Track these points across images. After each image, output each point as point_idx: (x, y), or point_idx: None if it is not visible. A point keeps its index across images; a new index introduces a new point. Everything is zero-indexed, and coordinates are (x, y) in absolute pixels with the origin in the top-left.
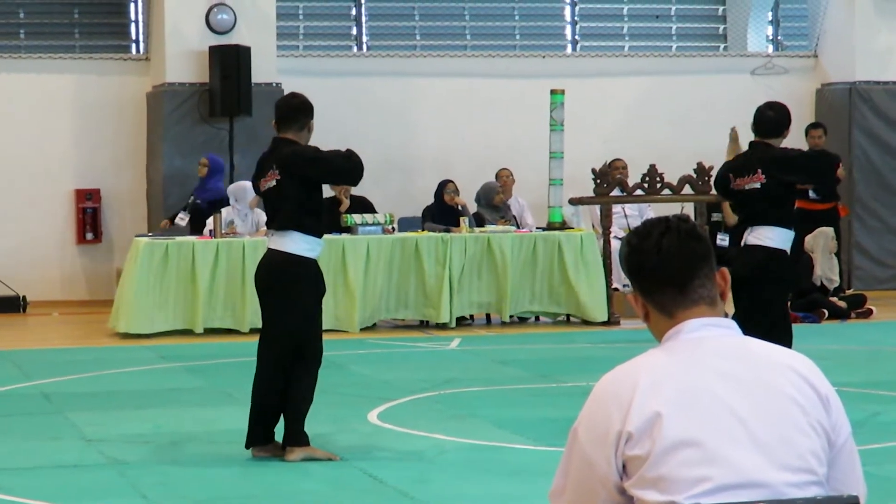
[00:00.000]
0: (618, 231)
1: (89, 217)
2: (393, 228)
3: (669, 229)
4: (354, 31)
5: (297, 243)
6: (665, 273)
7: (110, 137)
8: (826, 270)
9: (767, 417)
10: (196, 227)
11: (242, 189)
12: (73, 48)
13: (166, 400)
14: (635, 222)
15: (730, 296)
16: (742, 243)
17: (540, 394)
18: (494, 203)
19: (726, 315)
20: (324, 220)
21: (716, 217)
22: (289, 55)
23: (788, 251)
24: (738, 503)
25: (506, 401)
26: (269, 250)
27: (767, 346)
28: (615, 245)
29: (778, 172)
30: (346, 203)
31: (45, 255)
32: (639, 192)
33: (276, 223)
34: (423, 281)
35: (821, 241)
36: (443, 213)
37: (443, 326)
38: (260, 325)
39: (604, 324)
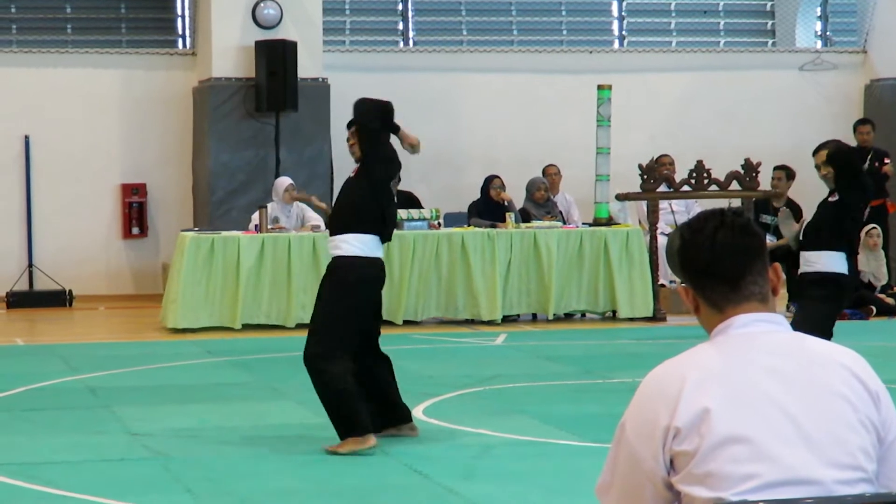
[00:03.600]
0: (664, 227)
1: (135, 212)
2: (439, 224)
3: (724, 224)
4: (401, 27)
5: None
6: (718, 269)
7: (157, 132)
8: (871, 267)
9: (817, 414)
10: None
11: (276, 185)
12: (120, 43)
13: (212, 394)
14: (682, 218)
15: (782, 291)
16: None
17: (586, 390)
18: (535, 199)
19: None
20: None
21: (764, 219)
22: (335, 50)
23: None
24: (787, 500)
25: (551, 397)
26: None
27: (817, 341)
28: (661, 241)
29: None
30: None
31: (91, 249)
32: (686, 188)
33: None
34: (470, 276)
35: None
36: (489, 208)
37: (489, 322)
38: (305, 321)
39: (649, 320)
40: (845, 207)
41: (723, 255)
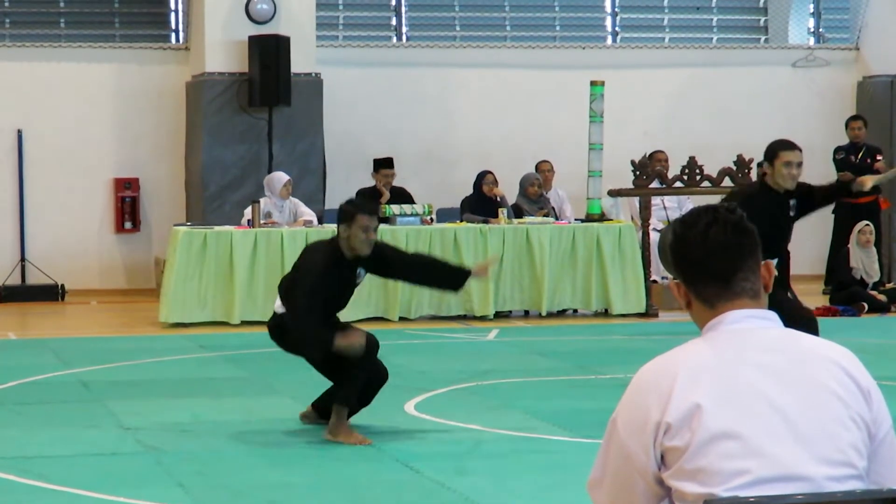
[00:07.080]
0: (657, 223)
1: (128, 206)
2: (431, 219)
3: (717, 220)
4: (394, 22)
5: None
6: (710, 265)
7: (150, 127)
8: (863, 263)
9: (808, 410)
10: None
11: (273, 180)
12: (114, 37)
13: (205, 389)
14: (674, 214)
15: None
16: None
17: (578, 385)
18: (528, 194)
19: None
20: None
21: None
22: (328, 45)
23: None
24: (777, 496)
25: (543, 392)
26: None
27: (808, 338)
28: (654, 237)
29: None
30: (387, 195)
31: (83, 243)
32: (678, 184)
33: None
34: None
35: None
36: (481, 204)
37: (481, 318)
38: None
39: (642, 316)
40: None
41: (715, 252)
